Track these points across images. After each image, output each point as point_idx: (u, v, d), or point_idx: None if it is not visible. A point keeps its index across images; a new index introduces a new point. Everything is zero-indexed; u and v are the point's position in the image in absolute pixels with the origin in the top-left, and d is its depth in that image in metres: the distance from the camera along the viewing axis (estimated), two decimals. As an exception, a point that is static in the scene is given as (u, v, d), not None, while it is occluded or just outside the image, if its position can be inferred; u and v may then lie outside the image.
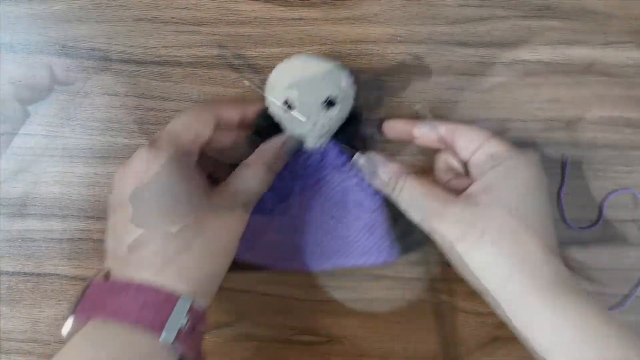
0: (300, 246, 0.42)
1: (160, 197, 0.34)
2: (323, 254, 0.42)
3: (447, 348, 0.46)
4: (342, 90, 0.39)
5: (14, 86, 0.43)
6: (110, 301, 0.32)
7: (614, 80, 0.44)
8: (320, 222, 0.42)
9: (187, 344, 0.32)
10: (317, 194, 0.42)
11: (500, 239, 0.35)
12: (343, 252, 0.42)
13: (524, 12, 0.43)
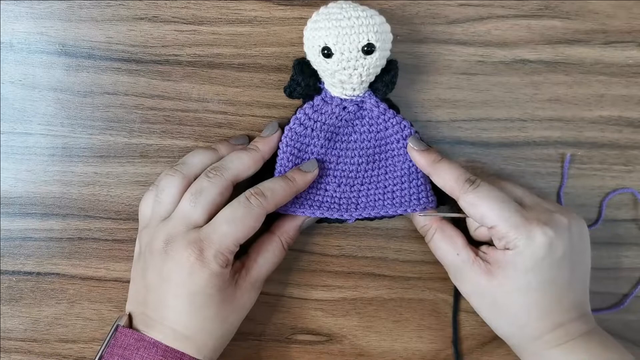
0: (339, 196, 0.43)
1: (198, 297, 0.37)
2: (362, 203, 0.43)
3: (447, 347, 0.46)
4: (380, 38, 0.38)
5: (14, 85, 0.43)
6: (138, 357, 0.37)
7: (614, 79, 0.44)
8: (359, 171, 0.43)
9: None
10: (354, 144, 0.42)
11: (509, 312, 0.39)
12: (382, 201, 0.43)
13: (524, 12, 0.43)
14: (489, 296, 0.40)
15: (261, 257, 0.41)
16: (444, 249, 0.41)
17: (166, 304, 0.38)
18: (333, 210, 0.42)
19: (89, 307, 0.45)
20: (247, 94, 0.43)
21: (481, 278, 0.40)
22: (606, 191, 0.45)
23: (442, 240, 0.41)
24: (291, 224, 0.42)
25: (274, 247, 0.41)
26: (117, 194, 0.44)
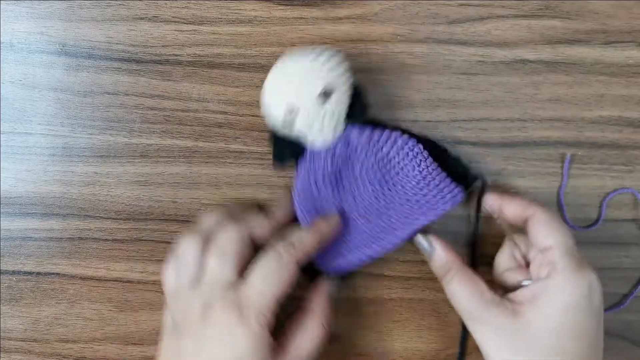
0: (372, 228, 0.42)
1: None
2: (397, 224, 0.42)
3: (447, 347, 0.46)
4: (333, 76, 0.38)
5: (14, 85, 0.43)
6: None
7: (614, 79, 0.44)
8: (378, 197, 0.42)
9: None
10: (361, 174, 0.42)
11: (530, 357, 0.36)
12: (410, 216, 0.42)
13: (524, 12, 0.43)
14: (514, 339, 0.36)
15: (300, 336, 0.38)
16: (466, 290, 0.38)
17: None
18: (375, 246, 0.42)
19: (89, 307, 0.45)
20: (248, 93, 0.43)
21: (507, 318, 0.37)
22: (606, 191, 0.45)
23: (464, 282, 0.39)
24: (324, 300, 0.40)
25: (315, 329, 0.38)
26: (117, 194, 0.44)
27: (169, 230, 0.44)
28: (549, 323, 0.36)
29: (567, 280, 0.36)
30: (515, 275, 0.40)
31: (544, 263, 0.37)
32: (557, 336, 0.36)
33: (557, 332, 0.36)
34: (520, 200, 0.40)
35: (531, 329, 0.36)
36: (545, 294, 0.36)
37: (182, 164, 0.44)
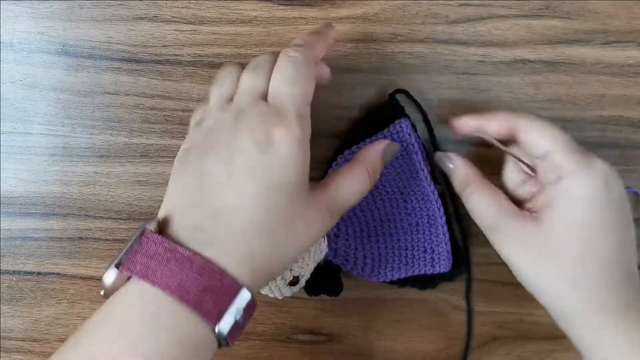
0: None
1: (277, 174, 0.31)
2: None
3: (447, 347, 0.46)
4: (306, 268, 0.40)
5: (14, 85, 0.43)
6: (168, 271, 0.28)
7: (615, 79, 0.44)
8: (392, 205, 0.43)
9: (234, 338, 0.30)
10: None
11: (555, 265, 0.35)
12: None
13: (525, 12, 0.43)
14: (538, 246, 0.35)
15: (343, 178, 0.35)
16: (485, 202, 0.37)
17: (230, 185, 0.30)
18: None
19: (90, 307, 0.45)
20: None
21: (528, 226, 0.35)
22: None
23: (483, 193, 0.38)
24: (374, 150, 0.37)
25: (358, 172, 0.35)
26: (117, 194, 0.44)
27: (169, 230, 0.44)
28: (571, 222, 0.34)
29: (578, 177, 0.34)
30: (529, 188, 0.38)
31: (549, 168, 0.36)
32: (581, 234, 0.34)
33: (581, 230, 0.34)
34: (500, 115, 0.38)
35: (554, 231, 0.35)
36: (560, 196, 0.35)
37: (182, 164, 0.44)
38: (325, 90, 0.43)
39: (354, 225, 0.43)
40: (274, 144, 0.31)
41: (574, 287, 0.35)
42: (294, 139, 0.31)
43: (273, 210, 0.31)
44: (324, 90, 0.43)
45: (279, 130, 0.31)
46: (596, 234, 0.34)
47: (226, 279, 0.29)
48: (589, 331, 0.35)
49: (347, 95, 0.43)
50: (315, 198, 0.33)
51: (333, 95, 0.43)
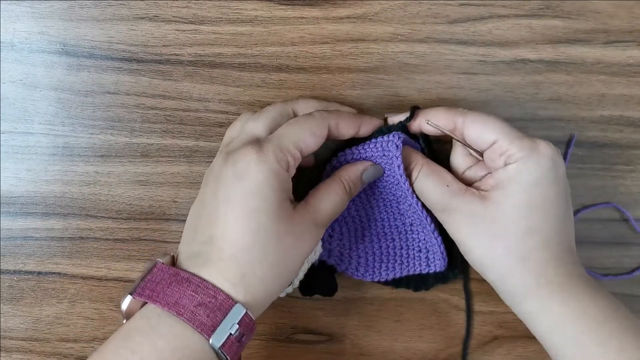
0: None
1: (253, 198, 0.34)
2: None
3: (447, 347, 0.46)
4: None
5: (15, 85, 0.43)
6: (169, 291, 0.33)
7: (615, 79, 0.44)
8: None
9: (232, 352, 0.33)
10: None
11: (501, 241, 0.36)
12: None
13: (525, 11, 0.43)
14: (485, 224, 0.37)
15: (321, 193, 0.37)
16: (432, 182, 0.38)
17: (217, 214, 0.34)
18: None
19: (90, 307, 0.45)
20: (248, 93, 0.43)
21: (476, 205, 0.37)
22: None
23: (429, 176, 0.38)
24: (353, 168, 0.39)
25: (335, 187, 0.38)
26: (118, 194, 0.44)
27: (169, 230, 0.44)
28: (518, 202, 0.36)
29: (526, 162, 0.36)
30: (477, 171, 0.39)
31: (496, 156, 0.37)
32: (527, 213, 0.36)
33: (528, 209, 0.36)
34: (443, 112, 0.39)
35: (501, 210, 0.36)
36: (508, 179, 0.36)
37: (183, 164, 0.44)
38: (325, 90, 0.43)
39: (348, 225, 0.43)
40: (249, 170, 0.34)
41: (522, 262, 0.36)
42: (267, 167, 0.34)
43: (258, 232, 0.34)
44: (324, 90, 0.43)
45: (253, 156, 0.34)
46: (542, 212, 0.36)
47: (220, 295, 0.33)
48: (537, 303, 0.36)
49: (347, 95, 0.43)
50: (300, 214, 0.36)
51: (333, 95, 0.43)
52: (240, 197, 0.34)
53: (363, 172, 0.39)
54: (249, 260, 0.34)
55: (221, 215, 0.34)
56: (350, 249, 0.43)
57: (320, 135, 0.37)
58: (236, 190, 0.34)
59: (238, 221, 0.34)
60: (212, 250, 0.34)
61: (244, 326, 0.33)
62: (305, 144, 0.36)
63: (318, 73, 0.43)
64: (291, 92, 0.43)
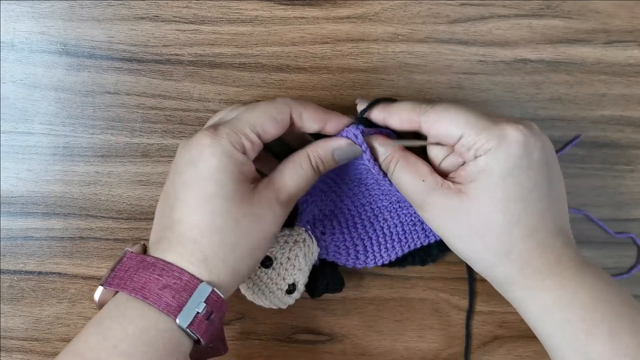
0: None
1: (207, 183, 0.34)
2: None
3: (448, 347, 0.46)
4: (300, 273, 0.40)
5: (15, 85, 0.43)
6: (136, 277, 0.34)
7: (616, 79, 0.44)
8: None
9: (202, 331, 0.33)
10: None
11: (482, 235, 0.35)
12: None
13: (525, 11, 0.43)
14: (463, 220, 0.36)
15: (285, 167, 0.37)
16: (408, 177, 0.37)
17: (176, 200, 0.35)
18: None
19: (90, 307, 0.45)
20: (248, 93, 0.43)
21: (452, 200, 0.36)
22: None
23: (405, 169, 0.37)
24: (324, 144, 0.38)
25: (300, 160, 0.37)
26: (118, 194, 0.44)
27: (170, 230, 0.44)
28: (492, 195, 0.35)
29: (495, 153, 0.34)
30: (454, 160, 0.38)
31: (464, 149, 0.36)
32: (504, 205, 0.35)
33: (504, 202, 0.35)
34: (406, 110, 0.37)
35: (478, 204, 0.35)
36: (480, 172, 0.35)
37: (183, 164, 0.44)
38: (325, 90, 0.43)
39: (338, 218, 0.43)
40: (202, 155, 0.34)
41: (504, 254, 0.35)
42: (220, 150, 0.34)
43: (214, 216, 0.34)
44: (324, 90, 0.43)
45: (205, 141, 0.35)
46: (520, 203, 0.35)
47: (185, 275, 0.33)
48: (523, 292, 0.35)
49: (347, 95, 0.43)
50: (261, 194, 0.35)
51: (334, 95, 0.43)
52: (196, 182, 0.34)
53: (336, 150, 0.38)
54: (208, 243, 0.34)
55: (181, 201, 0.35)
56: (346, 240, 0.43)
57: (282, 122, 0.36)
58: (192, 176, 0.35)
59: (195, 206, 0.34)
60: (173, 235, 0.35)
61: (212, 304, 0.34)
62: (264, 129, 0.36)
63: (318, 73, 0.43)
64: (291, 92, 0.43)
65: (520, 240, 0.35)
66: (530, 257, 0.35)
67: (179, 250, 0.34)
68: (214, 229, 0.34)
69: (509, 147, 0.34)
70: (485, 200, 0.35)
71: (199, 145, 0.35)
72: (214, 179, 0.34)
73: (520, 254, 0.35)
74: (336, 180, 0.42)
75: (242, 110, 0.37)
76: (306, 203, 0.41)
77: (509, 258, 0.35)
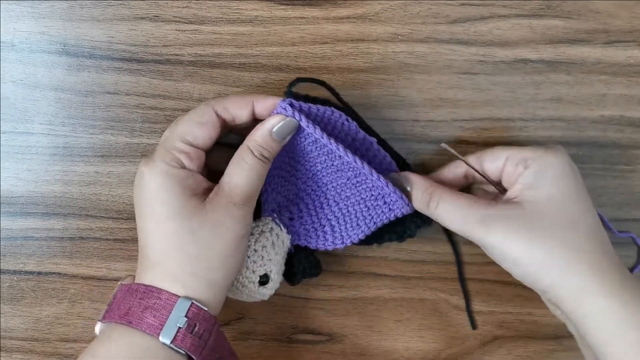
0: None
1: (155, 207, 0.36)
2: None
3: (448, 347, 0.46)
4: (270, 263, 0.40)
5: (15, 85, 0.43)
6: (122, 305, 0.35)
7: (616, 79, 0.44)
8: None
9: (188, 345, 0.34)
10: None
11: (550, 236, 0.35)
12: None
13: (526, 11, 0.43)
14: (526, 223, 0.35)
15: (231, 167, 0.37)
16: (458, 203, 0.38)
17: (140, 229, 0.37)
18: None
19: (90, 307, 0.45)
20: (249, 93, 0.43)
21: (513, 208, 0.36)
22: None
23: (452, 197, 0.38)
24: (258, 129, 0.37)
25: (242, 155, 0.36)
26: (118, 194, 0.44)
27: (170, 230, 0.44)
28: (551, 193, 0.36)
29: (545, 158, 0.37)
30: (489, 187, 0.40)
31: (513, 167, 0.38)
32: (563, 204, 0.36)
33: (562, 200, 0.36)
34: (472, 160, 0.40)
35: (536, 210, 0.36)
36: (534, 175, 0.37)
37: (183, 164, 0.44)
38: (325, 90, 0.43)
39: (305, 200, 0.42)
40: (143, 182, 0.36)
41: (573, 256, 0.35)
42: (156, 172, 0.36)
43: (169, 236, 0.35)
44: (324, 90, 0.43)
45: (143, 169, 0.36)
46: (577, 203, 0.36)
47: (163, 294, 0.34)
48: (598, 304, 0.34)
49: (347, 95, 0.43)
50: (213, 202, 0.36)
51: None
52: (146, 209, 0.36)
53: (272, 130, 0.37)
54: (172, 262, 0.35)
55: (141, 229, 0.36)
56: (314, 223, 0.43)
57: (208, 122, 0.37)
58: (142, 204, 0.36)
59: (152, 230, 0.36)
60: (146, 260, 0.36)
61: (193, 317, 0.34)
62: (193, 135, 0.37)
63: (318, 73, 0.43)
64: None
65: (586, 239, 0.35)
66: (600, 260, 0.35)
67: (153, 273, 0.35)
68: (173, 248, 0.35)
69: (556, 153, 0.37)
70: (545, 199, 0.36)
71: (139, 175, 0.37)
72: (159, 201, 0.35)
73: (590, 253, 0.35)
74: (292, 164, 0.41)
75: (171, 125, 0.38)
76: (267, 192, 0.41)
77: (581, 257, 0.35)
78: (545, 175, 0.37)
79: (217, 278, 0.36)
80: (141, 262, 0.37)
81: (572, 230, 0.35)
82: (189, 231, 0.35)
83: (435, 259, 0.45)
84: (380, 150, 0.41)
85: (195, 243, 0.35)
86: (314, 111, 0.39)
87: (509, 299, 0.45)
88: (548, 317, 0.45)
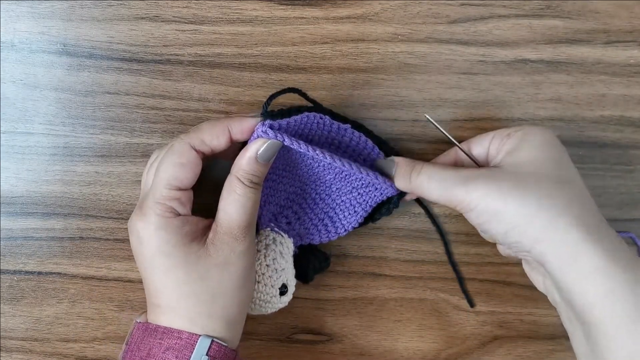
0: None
1: (159, 260, 0.36)
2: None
3: (448, 347, 0.46)
4: (284, 273, 0.41)
5: (15, 85, 0.43)
6: (142, 345, 0.36)
7: (616, 79, 0.44)
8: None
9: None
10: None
11: (537, 188, 0.34)
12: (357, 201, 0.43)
13: (525, 11, 0.43)
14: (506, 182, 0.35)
15: (224, 202, 0.36)
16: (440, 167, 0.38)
17: (145, 278, 0.37)
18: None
19: (90, 307, 0.45)
20: (249, 93, 0.43)
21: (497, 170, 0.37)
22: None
23: (429, 173, 0.38)
24: (242, 157, 0.36)
25: (232, 187, 0.36)
26: (118, 194, 0.44)
27: (170, 230, 0.44)
28: (533, 158, 0.36)
29: (530, 128, 0.38)
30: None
31: (498, 141, 0.38)
32: (549, 164, 0.36)
33: (548, 161, 0.36)
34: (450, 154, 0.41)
35: (520, 171, 0.35)
36: (515, 144, 0.37)
37: (183, 164, 0.44)
38: (325, 90, 0.43)
39: (298, 202, 0.43)
40: (141, 238, 0.36)
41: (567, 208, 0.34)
42: (153, 228, 0.35)
43: (179, 285, 0.36)
44: (324, 90, 0.43)
45: (138, 225, 0.36)
46: (564, 166, 0.36)
47: (183, 334, 0.35)
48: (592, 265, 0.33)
49: (347, 95, 0.43)
50: (215, 242, 0.36)
51: (334, 95, 0.43)
52: (150, 263, 0.36)
53: (256, 155, 0.36)
54: (188, 308, 0.36)
55: (147, 278, 0.36)
56: (312, 219, 0.43)
57: (190, 161, 0.36)
58: (144, 259, 0.36)
59: (161, 281, 0.36)
60: (160, 302, 0.36)
61: (215, 354, 0.35)
62: (178, 179, 0.36)
63: (318, 73, 0.43)
64: (291, 92, 0.43)
65: (575, 197, 0.35)
66: (588, 218, 0.34)
67: (168, 317, 0.36)
68: (185, 297, 0.36)
69: (541, 128, 0.38)
70: (528, 163, 0.36)
71: (134, 231, 0.36)
72: (162, 254, 0.35)
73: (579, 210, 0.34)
74: (278, 172, 0.41)
75: (155, 167, 0.37)
76: (260, 206, 0.40)
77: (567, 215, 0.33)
78: (528, 140, 0.37)
79: (233, 313, 0.37)
80: (153, 307, 0.37)
81: (558, 190, 0.34)
82: (197, 278, 0.35)
83: (435, 259, 0.45)
84: (354, 133, 0.41)
85: (206, 287, 0.36)
86: (292, 124, 0.38)
87: (509, 299, 0.45)
88: (548, 317, 0.45)
